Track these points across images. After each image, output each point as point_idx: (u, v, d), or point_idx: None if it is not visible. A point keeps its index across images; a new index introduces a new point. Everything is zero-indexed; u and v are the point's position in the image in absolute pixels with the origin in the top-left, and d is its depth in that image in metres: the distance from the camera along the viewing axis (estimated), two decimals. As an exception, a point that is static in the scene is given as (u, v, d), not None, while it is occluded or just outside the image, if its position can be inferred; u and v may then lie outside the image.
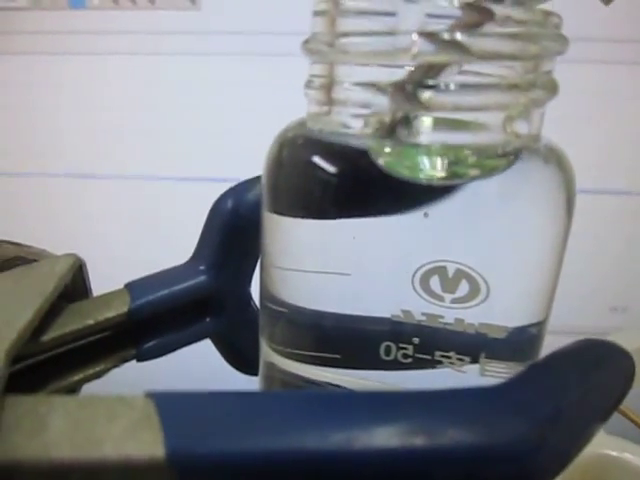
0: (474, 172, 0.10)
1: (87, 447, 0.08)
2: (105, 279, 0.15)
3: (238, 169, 0.29)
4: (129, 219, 0.32)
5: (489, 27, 0.09)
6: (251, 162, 0.13)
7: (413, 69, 0.10)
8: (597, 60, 0.28)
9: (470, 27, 0.09)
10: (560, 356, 0.09)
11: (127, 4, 0.30)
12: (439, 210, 0.11)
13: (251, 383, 0.15)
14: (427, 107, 0.10)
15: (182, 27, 0.30)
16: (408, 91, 0.10)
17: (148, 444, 0.08)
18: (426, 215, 0.11)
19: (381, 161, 0.11)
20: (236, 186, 0.16)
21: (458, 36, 0.09)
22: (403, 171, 0.11)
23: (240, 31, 0.29)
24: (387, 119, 0.10)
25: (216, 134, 0.30)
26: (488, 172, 0.11)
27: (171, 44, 0.30)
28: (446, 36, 0.09)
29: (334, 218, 0.12)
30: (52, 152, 0.31)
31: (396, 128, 0.10)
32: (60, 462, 0.07)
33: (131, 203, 0.31)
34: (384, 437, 0.08)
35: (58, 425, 0.08)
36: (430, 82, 0.10)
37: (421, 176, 0.10)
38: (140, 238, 0.31)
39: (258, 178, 0.13)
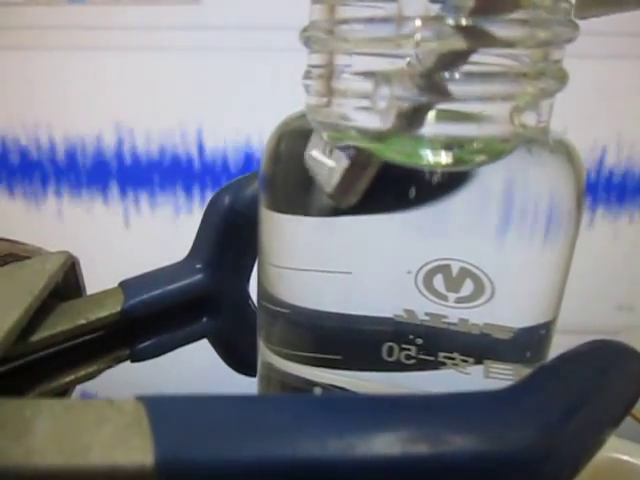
0: (480, 158, 0.10)
1: (73, 453, 0.07)
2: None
3: (242, 164, 0.30)
4: (129, 217, 0.31)
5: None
6: (253, 157, 0.13)
7: (438, 57, 0.09)
8: (601, 55, 0.27)
9: (482, 13, 0.09)
10: (569, 358, 0.09)
11: (127, -1, 0.30)
12: (441, 206, 0.11)
13: (250, 384, 0.15)
14: (454, 97, 0.09)
15: (183, 22, 0.30)
16: (434, 81, 0.09)
17: (137, 451, 0.07)
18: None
19: (370, 146, 0.10)
20: (233, 182, 0.15)
21: (463, 22, 0.09)
22: (397, 157, 0.10)
23: (241, 26, 0.29)
24: (405, 110, 0.10)
25: (219, 129, 0.30)
26: (495, 156, 0.10)
27: (172, 39, 0.30)
28: (451, 22, 0.09)
29: (334, 215, 0.12)
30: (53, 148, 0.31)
31: (414, 118, 0.10)
32: (45, 469, 0.07)
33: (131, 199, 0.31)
34: (385, 444, 0.08)
35: (44, 430, 0.08)
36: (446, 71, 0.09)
37: (423, 163, 0.10)
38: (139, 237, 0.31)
39: (256, 174, 0.13)
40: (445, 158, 0.10)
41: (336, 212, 0.11)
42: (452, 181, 0.10)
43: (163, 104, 0.30)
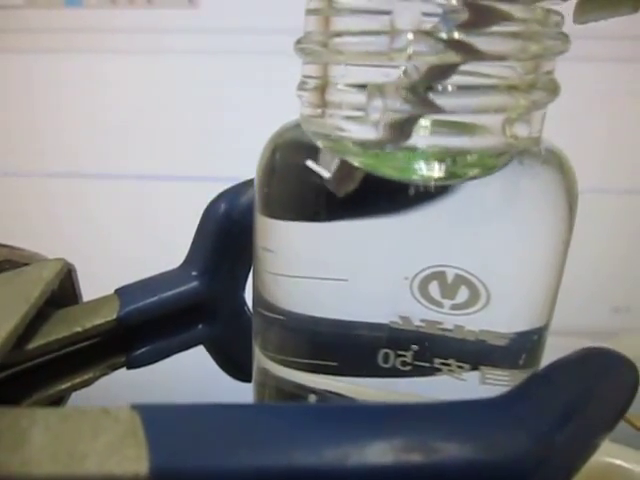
0: (473, 171, 0.10)
1: (69, 463, 0.07)
2: (104, 279, 0.15)
3: (237, 168, 0.29)
4: (129, 219, 0.31)
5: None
6: (250, 161, 0.13)
7: (426, 70, 0.09)
8: (598, 58, 0.28)
9: (477, 27, 0.09)
10: (561, 366, 0.09)
11: (124, 2, 0.30)
12: (437, 213, 0.11)
13: (245, 390, 0.15)
14: (440, 109, 0.09)
15: (180, 25, 0.30)
16: (420, 93, 0.09)
17: (132, 460, 0.07)
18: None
19: (358, 163, 0.10)
20: (229, 189, 0.15)
21: (455, 35, 0.09)
22: (388, 172, 0.10)
23: (238, 29, 0.29)
24: (394, 121, 0.10)
25: (214, 133, 0.30)
26: (487, 170, 0.10)
27: (169, 42, 0.30)
28: (443, 35, 0.09)
29: (329, 220, 0.12)
30: (51, 151, 0.31)
31: (402, 130, 0.10)
32: (41, 478, 0.07)
33: (130, 203, 0.31)
34: (379, 453, 0.08)
35: (39, 439, 0.08)
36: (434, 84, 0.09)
37: (415, 178, 0.10)
38: (139, 238, 0.31)
39: (251, 181, 0.13)
40: (438, 172, 0.10)
41: (331, 217, 0.11)
42: (447, 187, 0.10)
43: (161, 106, 0.30)
